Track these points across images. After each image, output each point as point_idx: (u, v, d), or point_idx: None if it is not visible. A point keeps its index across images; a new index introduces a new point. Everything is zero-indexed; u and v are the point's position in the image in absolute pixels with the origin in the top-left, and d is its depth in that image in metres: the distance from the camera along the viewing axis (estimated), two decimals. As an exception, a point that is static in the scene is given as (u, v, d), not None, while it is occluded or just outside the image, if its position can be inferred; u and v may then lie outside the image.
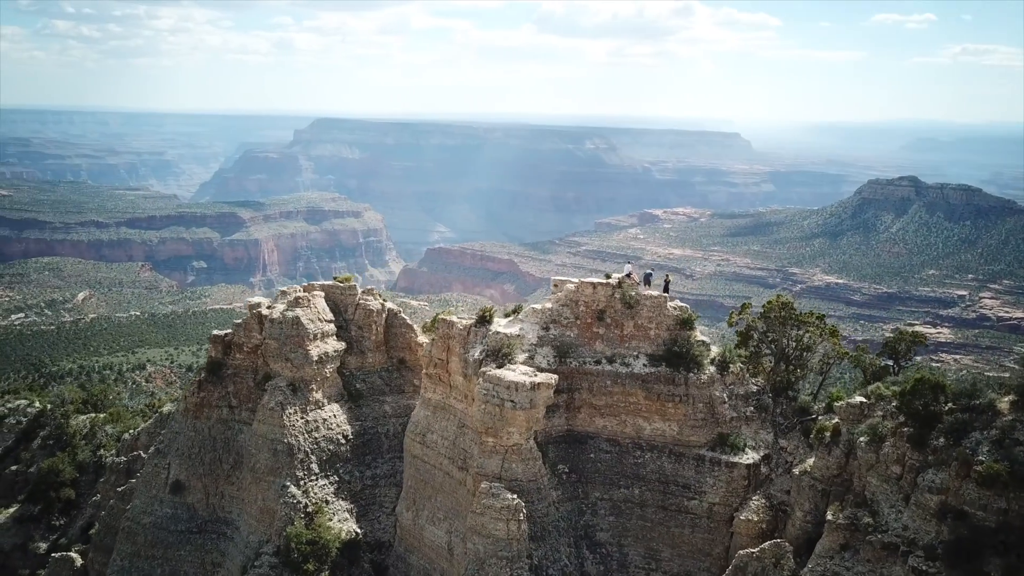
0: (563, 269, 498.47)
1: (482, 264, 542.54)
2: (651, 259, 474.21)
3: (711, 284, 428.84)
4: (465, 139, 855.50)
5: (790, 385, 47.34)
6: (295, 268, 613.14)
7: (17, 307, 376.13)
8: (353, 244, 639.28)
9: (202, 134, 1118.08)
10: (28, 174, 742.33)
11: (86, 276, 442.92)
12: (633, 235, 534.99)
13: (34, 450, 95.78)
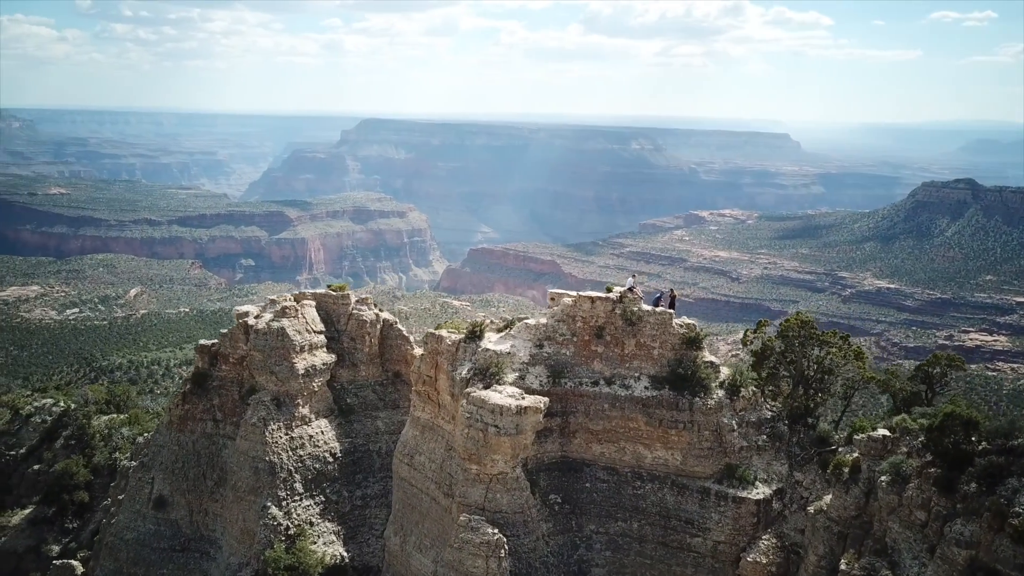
0: (606, 271, 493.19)
1: (524, 265, 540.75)
2: (696, 261, 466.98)
3: (757, 287, 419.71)
4: (510, 140, 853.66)
5: (809, 411, 42.98)
6: (341, 267, 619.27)
7: (72, 302, 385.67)
8: (398, 244, 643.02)
9: (252, 134, 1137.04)
10: (85, 173, 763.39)
11: (138, 273, 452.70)
12: (678, 237, 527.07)
13: (56, 450, 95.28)
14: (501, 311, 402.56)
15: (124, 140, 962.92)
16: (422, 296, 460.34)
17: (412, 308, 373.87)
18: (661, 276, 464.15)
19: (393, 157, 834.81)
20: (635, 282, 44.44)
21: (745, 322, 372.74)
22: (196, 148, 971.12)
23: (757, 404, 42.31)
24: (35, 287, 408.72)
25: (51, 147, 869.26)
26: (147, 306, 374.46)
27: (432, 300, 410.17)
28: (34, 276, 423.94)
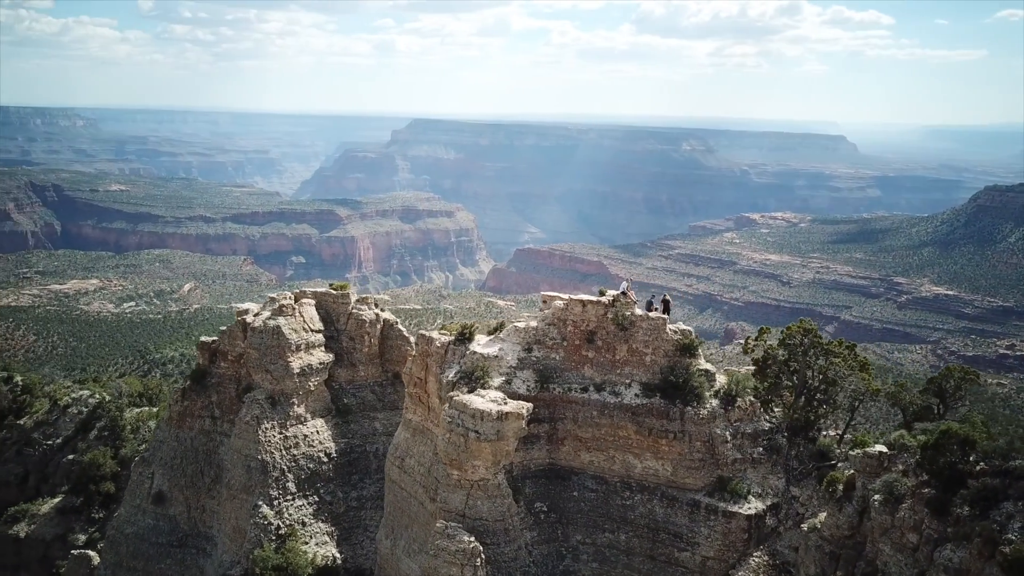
0: (653, 272, 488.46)
1: (570, 265, 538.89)
2: (746, 264, 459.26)
3: (809, 292, 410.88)
4: (559, 140, 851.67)
5: (810, 424, 41.06)
6: (389, 265, 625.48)
7: (129, 296, 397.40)
8: (445, 243, 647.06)
9: (305, 134, 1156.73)
10: (144, 170, 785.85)
11: (192, 268, 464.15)
12: (728, 239, 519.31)
13: (90, 441, 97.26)
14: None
15: (181, 139, 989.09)
16: (467, 295, 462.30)
17: (457, 307, 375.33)
18: (710, 279, 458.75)
19: (442, 157, 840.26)
20: (628, 286, 42.96)
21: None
22: (250, 147, 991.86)
23: (754, 415, 40.57)
24: (94, 281, 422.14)
25: (113, 145, 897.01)
26: (200, 301, 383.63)
27: (477, 300, 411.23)
28: (94, 270, 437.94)
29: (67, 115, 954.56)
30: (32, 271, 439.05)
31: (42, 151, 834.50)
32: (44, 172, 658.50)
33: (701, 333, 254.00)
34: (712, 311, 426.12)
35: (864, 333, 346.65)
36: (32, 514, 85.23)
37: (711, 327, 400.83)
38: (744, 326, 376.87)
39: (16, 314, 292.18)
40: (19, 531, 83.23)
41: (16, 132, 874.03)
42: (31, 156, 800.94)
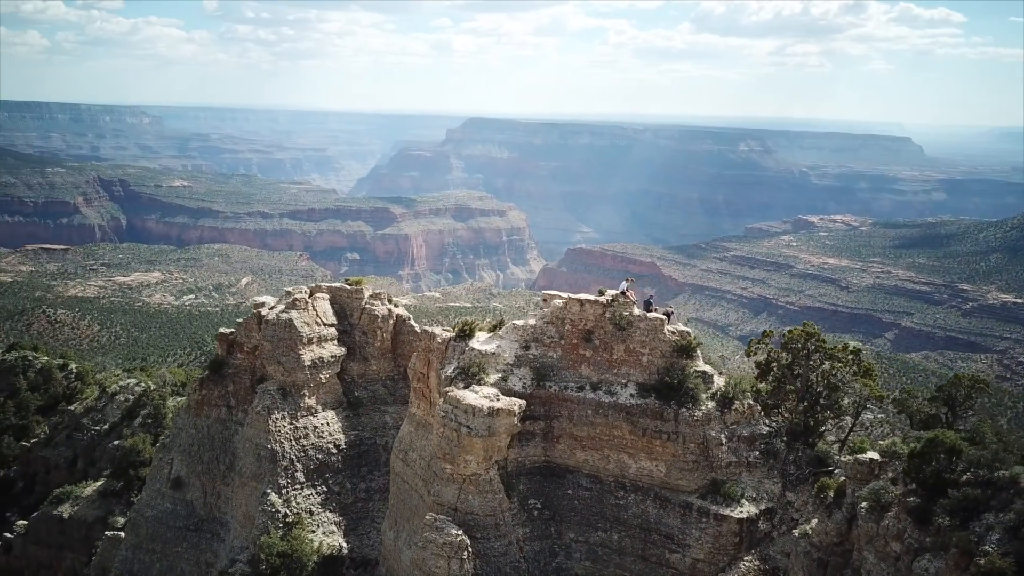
0: (708, 274, 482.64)
1: (623, 266, 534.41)
2: (803, 268, 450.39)
3: (868, 297, 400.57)
4: (614, 139, 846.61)
5: (810, 429, 40.40)
6: (441, 263, 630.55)
7: (189, 289, 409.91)
8: (497, 242, 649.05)
9: (361, 132, 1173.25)
10: (207, 167, 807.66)
11: (250, 263, 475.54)
12: (785, 242, 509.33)
13: (134, 427, 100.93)
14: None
15: (242, 136, 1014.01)
16: (517, 294, 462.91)
17: (507, 306, 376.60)
18: (766, 282, 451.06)
19: (496, 156, 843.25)
20: (629, 286, 42.92)
21: (853, 333, 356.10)
22: (308, 144, 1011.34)
23: (752, 418, 40.13)
24: (156, 273, 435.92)
25: (176, 142, 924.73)
26: (257, 295, 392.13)
27: (527, 299, 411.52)
28: (156, 263, 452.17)
29: (134, 112, 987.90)
30: (98, 263, 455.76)
31: (110, 147, 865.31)
32: (112, 167, 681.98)
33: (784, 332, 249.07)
34: (767, 315, 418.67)
35: (925, 341, 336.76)
36: (76, 496, 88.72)
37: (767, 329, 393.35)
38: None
39: (82, 304, 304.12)
40: (63, 512, 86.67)
41: (87, 129, 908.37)
42: (100, 152, 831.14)
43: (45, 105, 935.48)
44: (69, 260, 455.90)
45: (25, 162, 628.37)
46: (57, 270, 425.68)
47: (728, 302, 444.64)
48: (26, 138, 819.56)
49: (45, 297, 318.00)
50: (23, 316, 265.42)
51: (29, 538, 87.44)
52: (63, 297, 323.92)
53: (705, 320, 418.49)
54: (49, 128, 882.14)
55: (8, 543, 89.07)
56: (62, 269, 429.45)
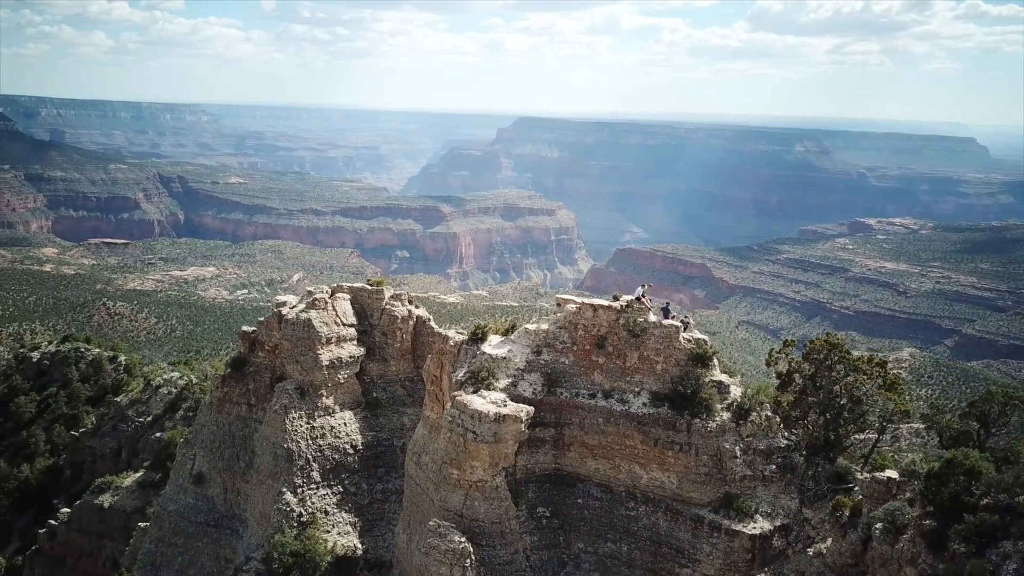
0: (760, 277, 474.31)
1: (672, 267, 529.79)
2: (859, 272, 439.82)
3: (927, 303, 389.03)
4: (665, 139, 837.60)
5: (831, 444, 38.72)
6: (489, 262, 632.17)
7: (242, 284, 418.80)
8: (545, 241, 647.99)
9: (413, 131, 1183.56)
10: (262, 164, 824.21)
11: (302, 259, 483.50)
12: (841, 245, 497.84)
13: (176, 420, 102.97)
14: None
15: (297, 134, 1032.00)
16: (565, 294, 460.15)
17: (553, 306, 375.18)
18: (819, 285, 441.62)
19: (546, 155, 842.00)
20: (644, 292, 41.81)
21: (911, 339, 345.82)
22: (361, 143, 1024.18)
23: (770, 430, 38.71)
24: (212, 268, 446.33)
25: (233, 140, 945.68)
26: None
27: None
28: (212, 258, 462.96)
29: (193, 111, 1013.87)
30: (156, 257, 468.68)
31: (170, 145, 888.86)
32: (171, 164, 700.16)
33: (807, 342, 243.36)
34: (820, 319, 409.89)
35: (987, 348, 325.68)
36: (116, 486, 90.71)
37: (818, 336, 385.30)
38: (854, 336, 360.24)
39: (141, 297, 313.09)
40: (104, 501, 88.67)
41: (148, 127, 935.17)
42: (160, 149, 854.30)
43: (109, 103, 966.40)
44: (129, 254, 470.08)
45: (89, 159, 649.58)
46: (117, 264, 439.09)
47: (780, 305, 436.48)
48: (91, 135, 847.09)
49: (106, 290, 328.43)
50: (84, 308, 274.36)
51: (71, 525, 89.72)
52: (122, 290, 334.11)
53: (756, 323, 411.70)
54: (112, 126, 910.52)
55: (52, 530, 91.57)
56: (122, 263, 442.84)
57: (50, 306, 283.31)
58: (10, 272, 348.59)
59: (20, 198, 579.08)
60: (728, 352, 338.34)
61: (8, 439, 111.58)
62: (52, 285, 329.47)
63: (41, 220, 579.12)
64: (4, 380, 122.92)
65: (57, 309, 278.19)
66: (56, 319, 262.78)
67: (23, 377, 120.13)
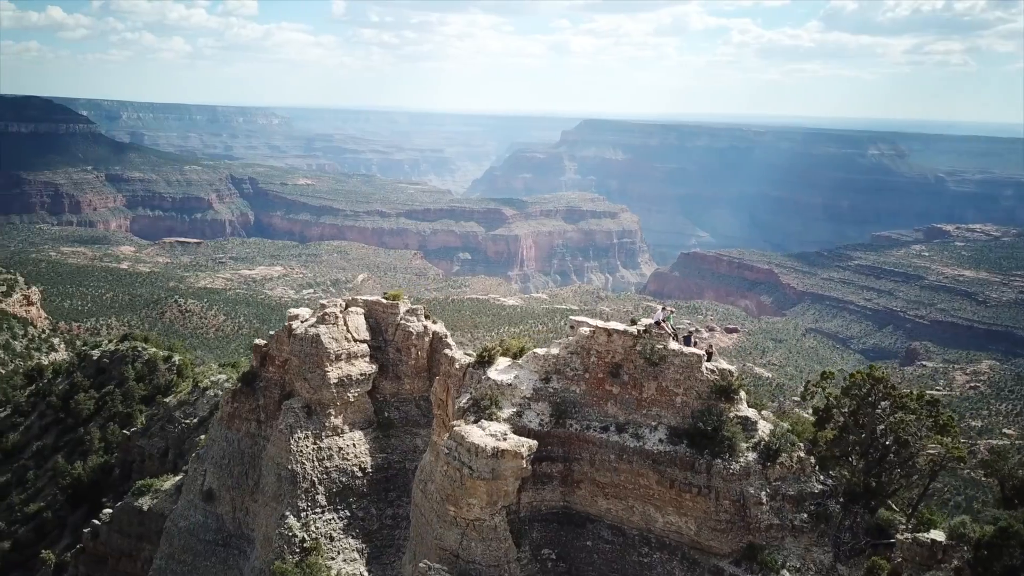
0: (829, 283, 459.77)
1: (738, 272, 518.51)
2: (935, 279, 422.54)
3: (1009, 314, 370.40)
4: (733, 141, 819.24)
5: (873, 491, 34.35)
6: (550, 265, 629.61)
7: (308, 283, 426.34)
8: (607, 244, 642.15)
9: (477, 133, 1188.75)
10: (329, 166, 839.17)
11: (366, 260, 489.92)
12: (916, 252, 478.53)
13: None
14: (708, 319, 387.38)
15: (364, 136, 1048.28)
16: (626, 298, 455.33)
17: (614, 310, 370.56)
18: (892, 293, 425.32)
19: (610, 158, 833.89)
20: (666, 315, 38.00)
21: (990, 351, 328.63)
22: (426, 145, 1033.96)
23: (802, 474, 34.53)
24: (279, 268, 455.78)
25: (302, 142, 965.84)
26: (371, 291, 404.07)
27: (636, 303, 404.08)
28: (279, 258, 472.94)
29: (265, 114, 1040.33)
30: (227, 256, 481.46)
31: (242, 147, 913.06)
32: (242, 166, 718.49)
33: (879, 352, 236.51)
34: (892, 328, 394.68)
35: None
36: (156, 489, 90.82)
37: (890, 345, 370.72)
38: (929, 346, 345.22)
39: (211, 295, 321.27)
40: (143, 504, 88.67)
41: (221, 129, 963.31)
42: (232, 151, 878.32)
43: (185, 107, 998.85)
44: (201, 253, 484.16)
45: (166, 160, 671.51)
46: (190, 262, 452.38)
47: (851, 313, 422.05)
48: (168, 138, 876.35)
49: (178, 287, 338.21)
50: (157, 305, 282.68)
51: (113, 526, 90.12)
52: (194, 288, 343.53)
53: (824, 331, 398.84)
54: (188, 128, 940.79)
55: (96, 530, 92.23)
56: (194, 261, 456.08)
57: (125, 302, 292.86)
58: (89, 269, 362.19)
59: (101, 198, 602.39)
60: (794, 361, 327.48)
61: (68, 435, 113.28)
62: (128, 282, 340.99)
63: (120, 219, 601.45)
64: (67, 377, 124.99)
65: (132, 305, 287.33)
66: (131, 315, 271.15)
67: (84, 375, 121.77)
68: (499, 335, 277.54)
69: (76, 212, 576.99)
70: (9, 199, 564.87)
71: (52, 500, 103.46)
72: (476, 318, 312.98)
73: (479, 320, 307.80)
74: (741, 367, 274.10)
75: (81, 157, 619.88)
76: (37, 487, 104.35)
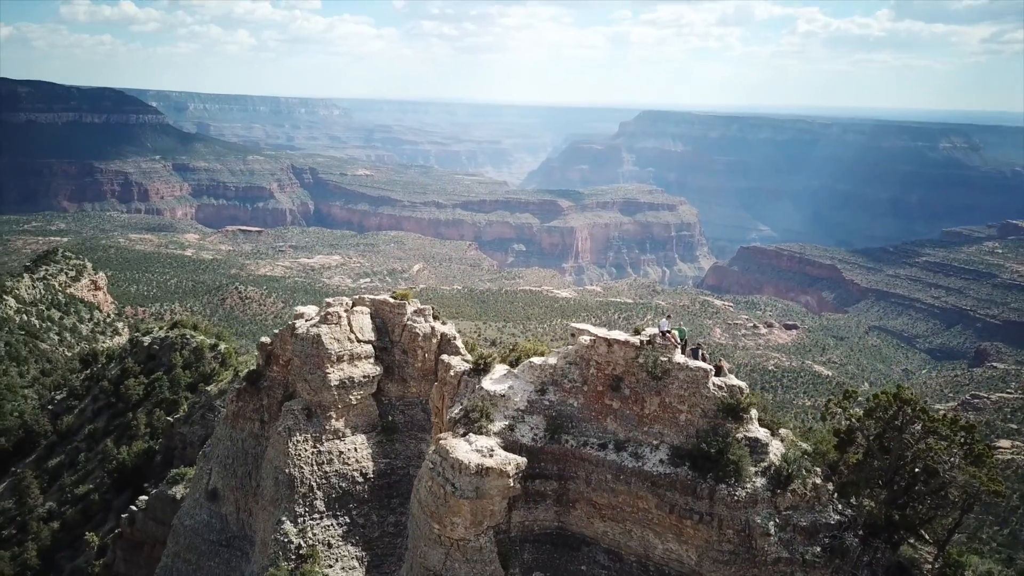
0: (895, 280, 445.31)
1: (800, 268, 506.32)
2: (1009, 278, 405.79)
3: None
4: (797, 134, 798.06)
5: (895, 524, 30.96)
6: (605, 257, 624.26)
7: (365, 272, 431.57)
8: (664, 237, 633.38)
9: (534, 125, 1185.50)
10: (388, 157, 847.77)
11: (423, 251, 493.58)
12: (989, 249, 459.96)
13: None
14: (767, 315, 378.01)
15: (423, 128, 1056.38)
16: (683, 292, 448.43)
17: (670, 304, 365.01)
18: (963, 292, 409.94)
19: (669, 150, 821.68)
20: (668, 325, 35.08)
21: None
22: (483, 137, 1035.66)
23: (818, 502, 31.37)
24: (337, 257, 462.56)
25: (362, 133, 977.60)
26: (426, 281, 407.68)
27: (692, 297, 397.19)
28: (338, 247, 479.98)
29: (326, 105, 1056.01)
30: (287, 245, 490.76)
31: (303, 137, 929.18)
32: (303, 156, 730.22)
33: (947, 351, 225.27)
34: (961, 328, 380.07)
35: None
36: (188, 478, 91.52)
37: (958, 345, 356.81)
38: (1000, 347, 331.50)
39: (270, 283, 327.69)
40: (176, 492, 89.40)
41: (284, 120, 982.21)
42: (294, 141, 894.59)
43: (249, 98, 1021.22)
44: (262, 241, 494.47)
45: (230, 150, 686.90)
46: (251, 250, 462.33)
47: (917, 311, 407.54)
48: (232, 128, 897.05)
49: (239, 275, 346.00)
50: (219, 291, 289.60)
51: (148, 514, 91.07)
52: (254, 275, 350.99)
53: (889, 329, 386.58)
54: (252, 119, 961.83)
55: (132, 516, 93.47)
56: (255, 249, 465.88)
57: (188, 288, 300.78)
58: (156, 256, 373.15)
59: (168, 186, 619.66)
60: (856, 359, 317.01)
61: (118, 420, 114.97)
62: (192, 268, 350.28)
63: (185, 207, 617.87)
64: (119, 362, 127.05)
65: (195, 291, 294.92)
66: (193, 301, 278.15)
67: (135, 360, 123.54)
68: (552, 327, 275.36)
69: (144, 200, 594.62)
70: (83, 187, 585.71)
71: (100, 483, 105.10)
72: (529, 310, 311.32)
73: (531, 312, 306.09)
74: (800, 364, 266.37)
75: (150, 147, 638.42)
76: (87, 469, 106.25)
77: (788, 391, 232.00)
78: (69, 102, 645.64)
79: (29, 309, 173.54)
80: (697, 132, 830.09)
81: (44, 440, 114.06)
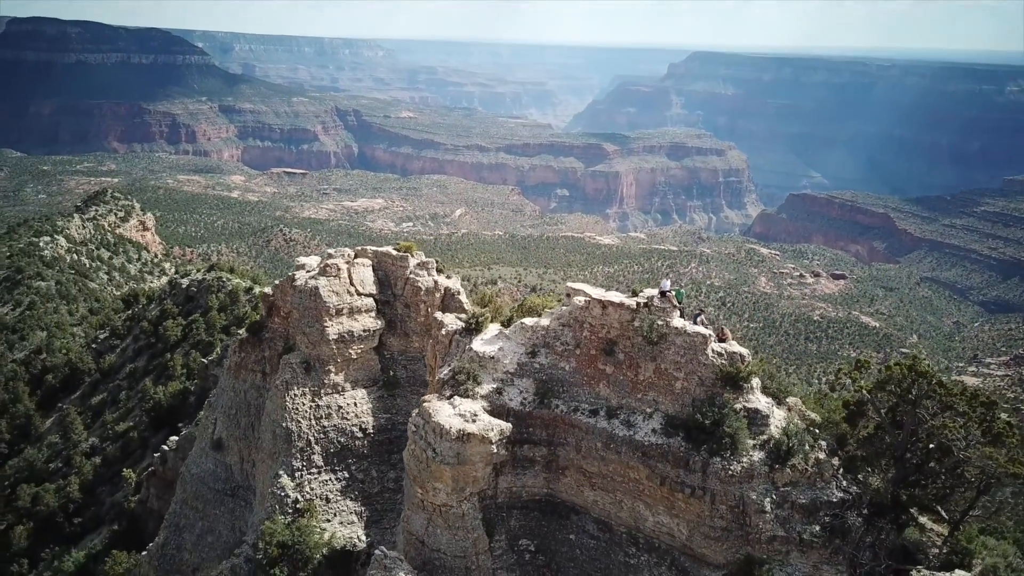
0: (950, 230, 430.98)
1: (851, 216, 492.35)
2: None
3: None
4: (854, 77, 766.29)
5: (902, 504, 28.84)
6: (651, 203, 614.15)
7: (407, 216, 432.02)
8: (712, 183, 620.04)
9: (581, 66, 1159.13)
10: (432, 99, 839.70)
11: (465, 195, 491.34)
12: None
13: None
14: (814, 264, 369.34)
15: (467, 69, 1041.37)
16: (728, 240, 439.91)
17: (714, 251, 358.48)
18: (1022, 242, 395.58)
19: (719, 92, 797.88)
20: (669, 286, 32.85)
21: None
22: (528, 79, 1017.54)
23: (819, 478, 29.35)
24: (380, 200, 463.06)
25: (406, 75, 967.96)
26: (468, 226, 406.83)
27: (738, 245, 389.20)
28: (381, 190, 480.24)
29: (370, 46, 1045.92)
30: (331, 188, 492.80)
31: (347, 79, 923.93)
32: (347, 98, 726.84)
33: (1002, 304, 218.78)
34: (1019, 280, 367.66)
35: None
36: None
37: (1015, 298, 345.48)
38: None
39: (314, 225, 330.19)
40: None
41: (328, 61, 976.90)
42: (338, 83, 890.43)
43: (294, 39, 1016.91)
44: (306, 184, 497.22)
45: (275, 92, 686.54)
46: (296, 192, 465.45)
47: (972, 263, 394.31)
48: (277, 70, 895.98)
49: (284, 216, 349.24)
50: (264, 233, 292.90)
51: (178, 454, 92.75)
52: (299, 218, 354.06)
53: (941, 281, 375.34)
54: (297, 60, 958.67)
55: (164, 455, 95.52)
56: (300, 192, 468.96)
57: (235, 230, 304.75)
58: (203, 197, 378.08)
59: (215, 128, 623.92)
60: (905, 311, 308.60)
61: (157, 360, 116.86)
62: (238, 210, 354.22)
63: (232, 149, 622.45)
64: (159, 303, 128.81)
65: (241, 233, 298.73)
66: (239, 242, 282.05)
67: (174, 302, 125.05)
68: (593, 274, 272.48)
69: (192, 142, 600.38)
70: (132, 128, 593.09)
71: (139, 421, 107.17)
72: (570, 256, 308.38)
73: (572, 259, 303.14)
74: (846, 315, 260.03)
75: (196, 88, 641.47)
76: (128, 407, 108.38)
77: (833, 341, 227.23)
78: (117, 43, 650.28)
79: (79, 248, 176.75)
80: (749, 75, 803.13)
81: (88, 378, 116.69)
